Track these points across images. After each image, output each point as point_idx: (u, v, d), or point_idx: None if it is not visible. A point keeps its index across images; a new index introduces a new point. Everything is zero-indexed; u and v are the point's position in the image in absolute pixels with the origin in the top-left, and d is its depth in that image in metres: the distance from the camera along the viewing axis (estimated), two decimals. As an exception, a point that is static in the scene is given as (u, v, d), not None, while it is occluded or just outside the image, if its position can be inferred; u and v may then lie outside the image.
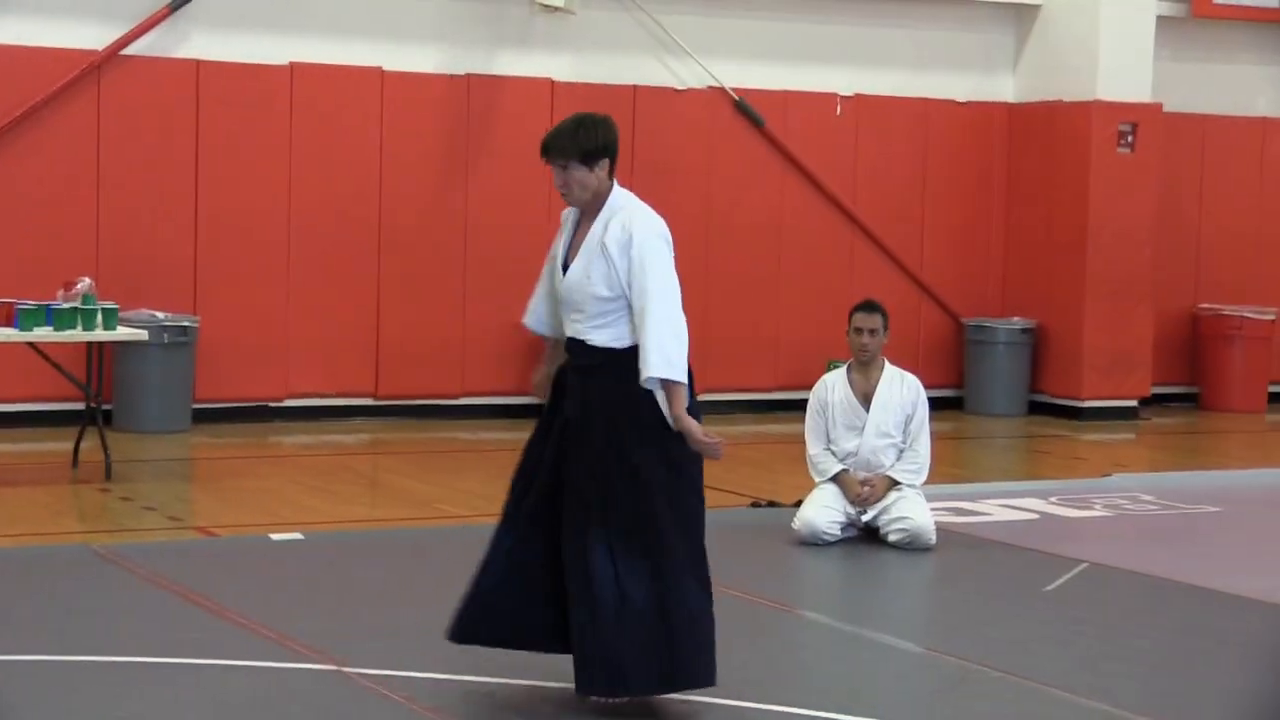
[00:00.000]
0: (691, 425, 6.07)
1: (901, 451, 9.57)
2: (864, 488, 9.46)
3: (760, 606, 7.91)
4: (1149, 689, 6.85)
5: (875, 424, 9.53)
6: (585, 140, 6.33)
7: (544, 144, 6.40)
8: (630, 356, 6.10)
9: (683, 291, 6.25)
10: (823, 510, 9.44)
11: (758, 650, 7.27)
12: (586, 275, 6.21)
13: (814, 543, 9.35)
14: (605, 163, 6.33)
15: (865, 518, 9.52)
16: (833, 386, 9.66)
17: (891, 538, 9.44)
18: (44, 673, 6.63)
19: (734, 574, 8.03)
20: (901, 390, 9.60)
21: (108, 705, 6.21)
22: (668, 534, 6.11)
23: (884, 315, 9.58)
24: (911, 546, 9.37)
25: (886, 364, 9.67)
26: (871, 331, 9.53)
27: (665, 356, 6.01)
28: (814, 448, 9.65)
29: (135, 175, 13.46)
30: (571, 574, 6.13)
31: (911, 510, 9.42)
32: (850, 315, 9.64)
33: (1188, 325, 17.11)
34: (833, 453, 9.58)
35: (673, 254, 6.26)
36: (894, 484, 9.50)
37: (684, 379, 6.04)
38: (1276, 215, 17.42)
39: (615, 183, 6.39)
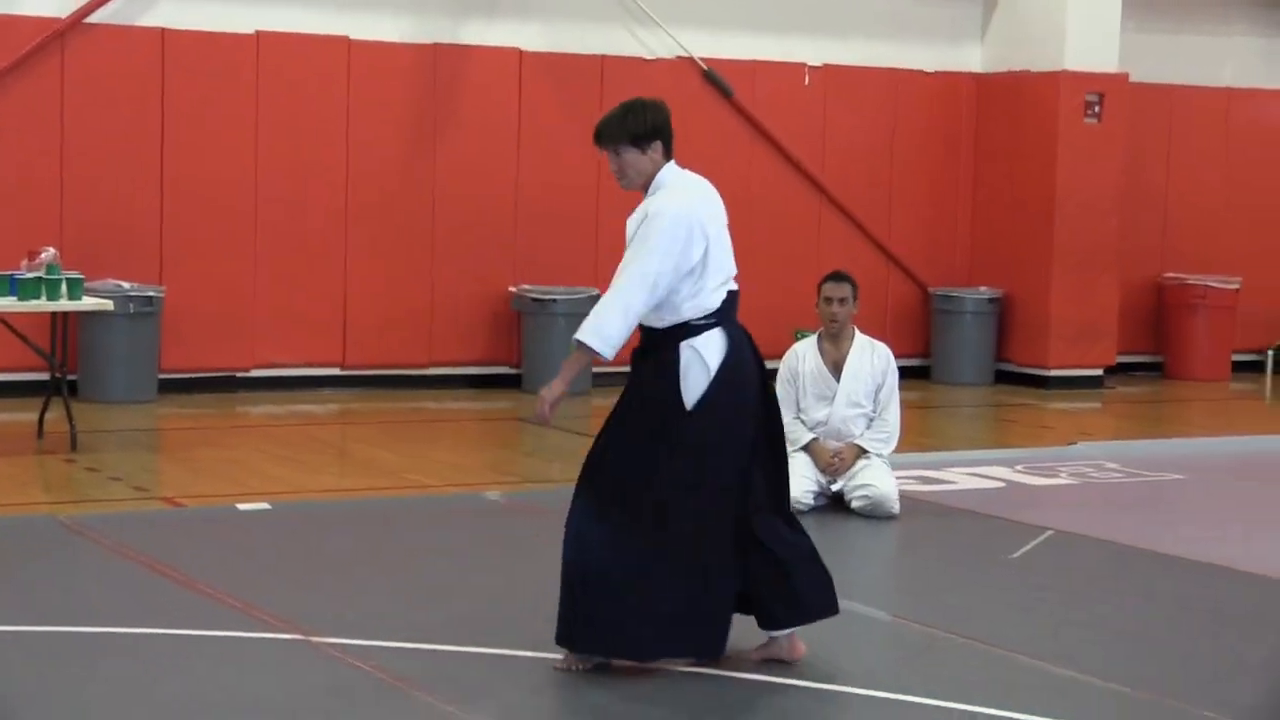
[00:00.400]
0: (554, 384, 6.19)
1: (871, 420, 9.60)
2: (834, 458, 9.49)
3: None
4: (1113, 655, 6.89)
5: (846, 393, 9.55)
6: (634, 124, 6.31)
7: (596, 131, 6.41)
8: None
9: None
10: (796, 480, 9.44)
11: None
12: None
13: None
14: (658, 144, 6.32)
15: (834, 487, 9.54)
16: (803, 356, 9.67)
17: (855, 505, 9.47)
18: (9, 644, 6.61)
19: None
20: (872, 359, 9.61)
21: (74, 676, 6.20)
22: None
23: (853, 285, 9.59)
24: (874, 514, 9.40)
25: (857, 333, 9.69)
26: (841, 301, 9.54)
27: (598, 327, 6.14)
28: (784, 417, 9.64)
29: (100, 144, 13.39)
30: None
31: (876, 478, 9.45)
32: (819, 285, 9.65)
33: (1153, 295, 17.18)
34: (802, 422, 9.60)
35: (703, 234, 6.24)
36: (863, 452, 9.52)
37: (603, 353, 6.13)
38: (1242, 185, 17.49)
39: (672, 163, 6.38)
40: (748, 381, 6.37)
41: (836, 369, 9.58)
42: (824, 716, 6.03)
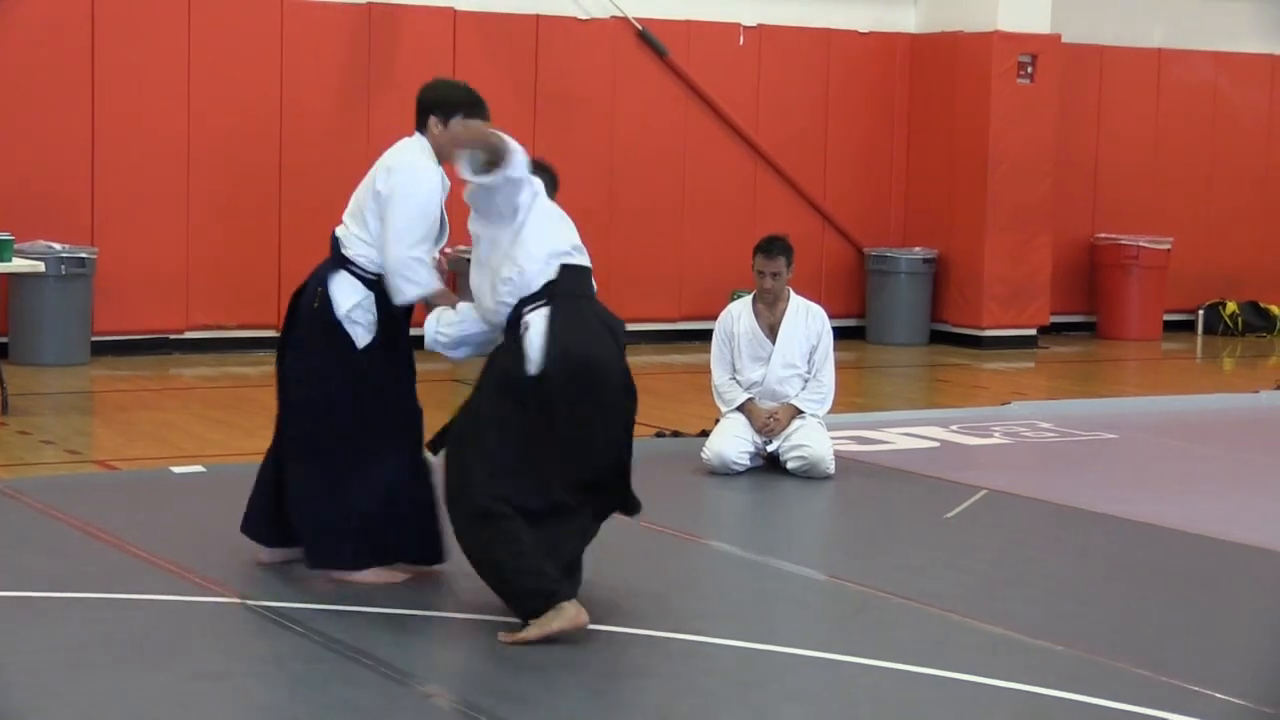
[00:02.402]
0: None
1: (806, 381, 9.63)
2: (770, 419, 9.51)
3: (667, 536, 7.96)
4: (1048, 613, 6.95)
5: (781, 355, 9.57)
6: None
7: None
8: None
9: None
10: (732, 440, 9.49)
11: (666, 579, 7.33)
12: None
13: (723, 472, 9.40)
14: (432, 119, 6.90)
15: (770, 447, 9.57)
16: (738, 317, 9.69)
17: (790, 465, 9.50)
18: (-57, 608, 6.58)
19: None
20: (807, 321, 9.64)
21: (7, 640, 6.16)
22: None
23: (787, 254, 9.57)
24: (809, 475, 9.43)
25: (792, 294, 9.71)
26: (774, 274, 9.55)
27: None
28: (719, 377, 9.69)
29: (30, 104, 13.25)
30: None
31: (810, 439, 9.48)
32: (754, 252, 9.65)
33: (1085, 255, 17.28)
34: (738, 382, 9.63)
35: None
36: (798, 413, 9.56)
37: None
38: (1172, 146, 17.61)
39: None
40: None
41: (772, 330, 9.61)
42: (759, 676, 6.07)
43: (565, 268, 6.57)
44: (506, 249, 6.57)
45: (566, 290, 6.53)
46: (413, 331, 7.14)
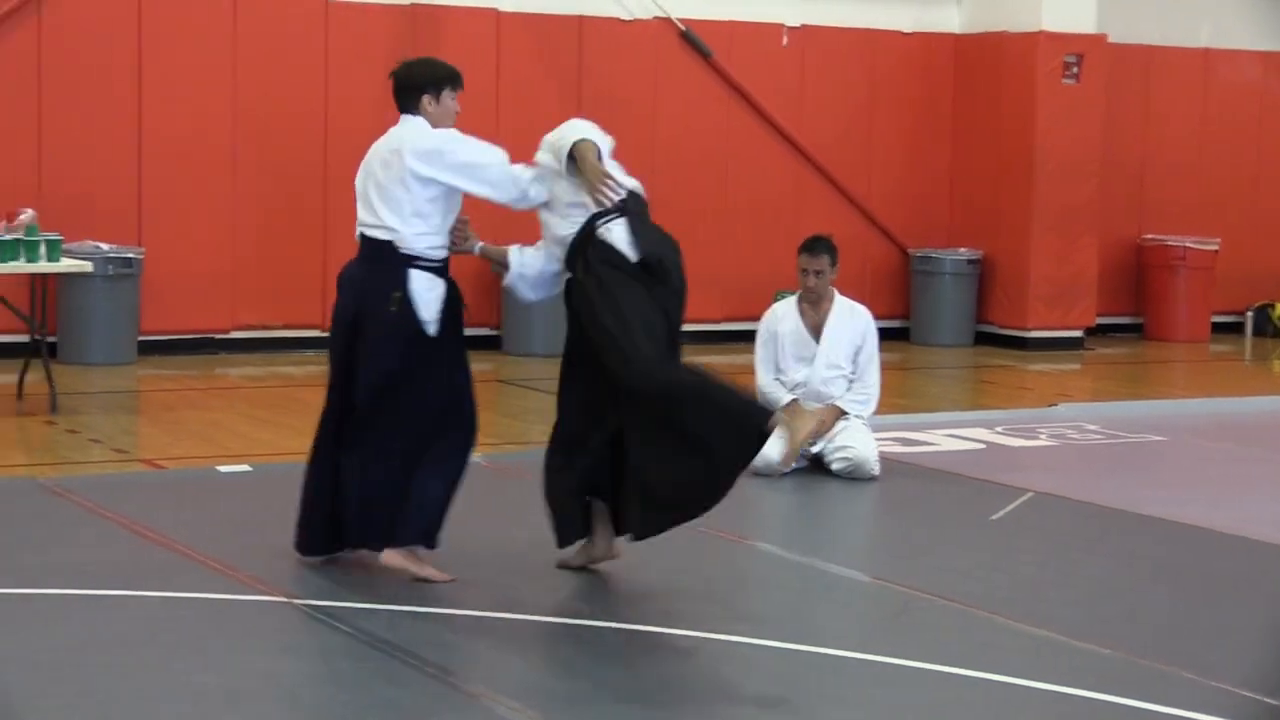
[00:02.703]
0: None
1: (851, 382, 9.61)
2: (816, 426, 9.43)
3: (711, 536, 7.96)
4: (1091, 616, 6.92)
5: (825, 355, 9.56)
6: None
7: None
8: None
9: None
10: (776, 442, 9.43)
11: (710, 580, 7.33)
12: None
13: (767, 474, 9.35)
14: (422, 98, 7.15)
15: (814, 448, 9.55)
16: (782, 317, 9.68)
17: (834, 466, 9.48)
18: (-9, 606, 6.63)
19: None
20: (851, 322, 9.63)
21: (55, 637, 6.20)
22: None
23: (831, 253, 9.56)
24: (854, 476, 9.41)
25: (837, 295, 9.69)
26: (818, 273, 9.54)
27: None
28: (763, 377, 9.68)
29: (78, 105, 13.33)
30: None
31: (855, 440, 9.46)
32: (798, 253, 9.64)
33: (1132, 256, 17.20)
34: (782, 383, 9.61)
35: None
36: (842, 414, 9.54)
37: None
38: (1219, 146, 17.51)
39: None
40: (339, 317, 7.08)
41: (816, 331, 9.60)
42: (801, 677, 6.06)
43: (632, 193, 7.07)
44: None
45: (635, 210, 7.02)
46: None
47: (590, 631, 6.35)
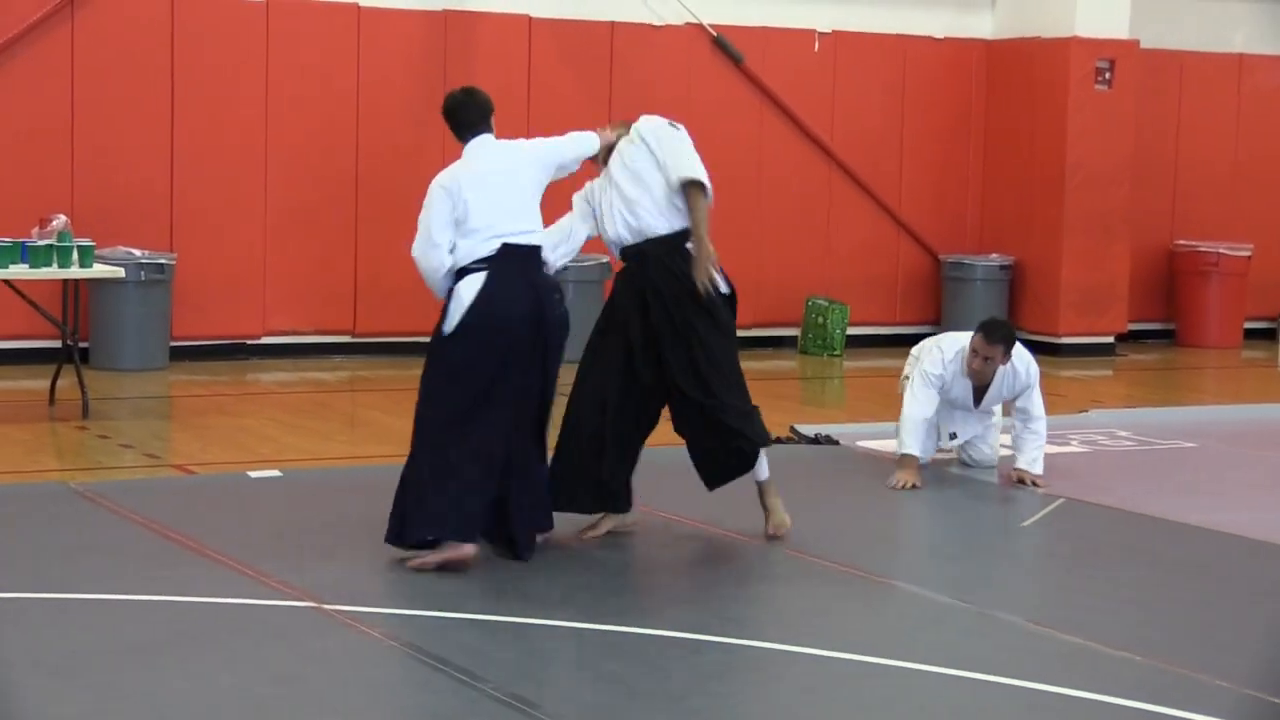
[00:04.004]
0: None
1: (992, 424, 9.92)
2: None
3: (739, 542, 7.94)
4: (1124, 622, 6.89)
5: (979, 413, 9.79)
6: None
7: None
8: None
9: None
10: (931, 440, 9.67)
11: (738, 586, 7.35)
12: None
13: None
14: (453, 130, 7.61)
15: (950, 444, 9.81)
16: (952, 381, 9.55)
17: (964, 459, 9.93)
18: (21, 610, 6.64)
19: (713, 512, 8.07)
20: (1013, 383, 9.59)
21: (85, 642, 6.22)
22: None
23: (1007, 343, 9.42)
24: (975, 466, 9.87)
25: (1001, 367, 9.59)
26: (987, 359, 9.44)
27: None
28: (917, 410, 9.47)
29: (110, 112, 13.38)
30: None
31: (985, 444, 9.90)
32: (976, 329, 9.51)
33: (1164, 262, 17.14)
34: (939, 430, 9.69)
35: (459, 198, 7.36)
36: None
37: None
38: (1252, 152, 17.44)
39: (473, 140, 7.58)
40: (507, 318, 7.30)
41: (978, 394, 9.67)
42: (833, 683, 6.04)
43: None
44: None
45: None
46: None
47: (622, 637, 6.34)
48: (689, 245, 7.95)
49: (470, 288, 7.33)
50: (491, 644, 6.34)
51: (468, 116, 7.58)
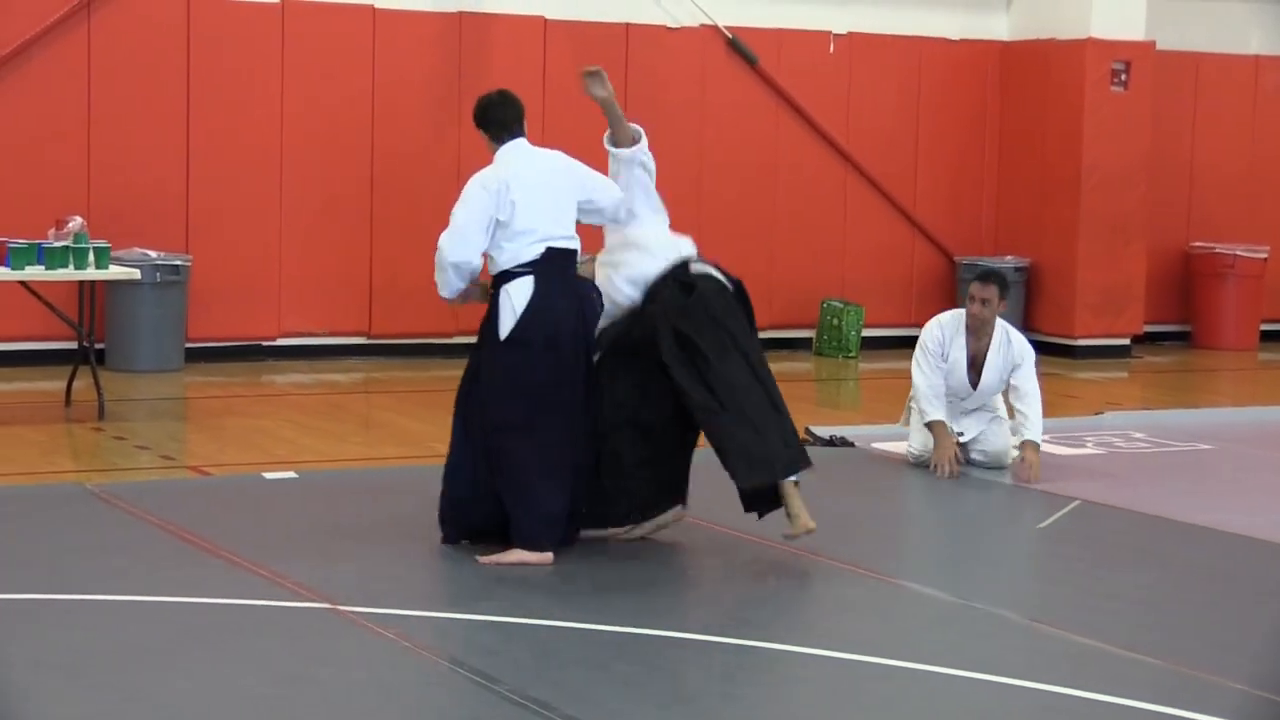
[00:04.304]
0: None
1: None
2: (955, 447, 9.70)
3: (753, 543, 7.94)
4: (1139, 625, 6.88)
5: (979, 397, 9.82)
6: (474, 118, 7.83)
7: None
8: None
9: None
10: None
11: (752, 587, 7.35)
12: None
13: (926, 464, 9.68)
14: (485, 135, 7.82)
15: (962, 439, 9.83)
16: (950, 341, 9.72)
17: (973, 458, 9.88)
18: (37, 611, 6.66)
19: (725, 513, 8.08)
20: (1008, 354, 9.73)
21: (100, 643, 6.23)
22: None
23: (1001, 285, 9.70)
24: (989, 466, 9.85)
25: (999, 325, 9.79)
26: (984, 301, 9.66)
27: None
28: (927, 380, 9.73)
29: (126, 113, 13.41)
30: None
31: (992, 434, 9.89)
32: (971, 282, 9.79)
33: (1180, 263, 17.11)
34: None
35: (506, 200, 7.47)
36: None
37: (441, 294, 7.63)
38: (1269, 153, 17.41)
39: (508, 144, 7.77)
40: (557, 323, 7.38)
41: (974, 367, 9.71)
42: (846, 684, 6.04)
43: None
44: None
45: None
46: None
47: (636, 639, 6.34)
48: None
49: (521, 293, 7.39)
50: (506, 645, 6.35)
51: (503, 116, 7.70)
